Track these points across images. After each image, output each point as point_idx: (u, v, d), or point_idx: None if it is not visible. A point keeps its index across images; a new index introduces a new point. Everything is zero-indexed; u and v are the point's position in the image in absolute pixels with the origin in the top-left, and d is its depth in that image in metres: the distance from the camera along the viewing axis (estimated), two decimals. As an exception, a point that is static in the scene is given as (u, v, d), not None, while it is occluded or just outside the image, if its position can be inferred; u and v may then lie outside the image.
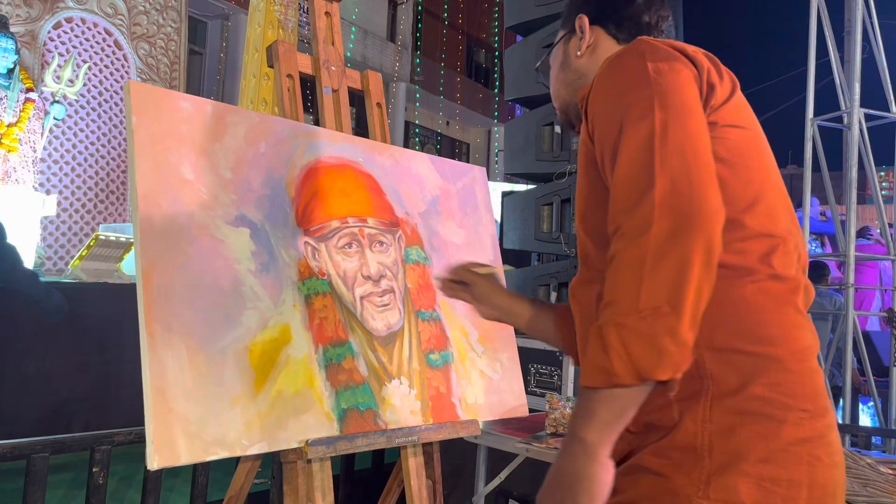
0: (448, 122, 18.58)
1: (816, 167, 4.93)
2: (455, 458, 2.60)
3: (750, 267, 0.98)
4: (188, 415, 1.36)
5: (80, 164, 6.43)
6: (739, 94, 1.06)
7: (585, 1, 1.23)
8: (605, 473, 0.90)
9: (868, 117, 4.91)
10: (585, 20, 1.20)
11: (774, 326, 0.98)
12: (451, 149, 19.16)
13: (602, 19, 1.20)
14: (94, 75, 6.55)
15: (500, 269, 2.16)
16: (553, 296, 3.04)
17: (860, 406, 5.07)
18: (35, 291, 3.32)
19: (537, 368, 2.95)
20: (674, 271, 0.87)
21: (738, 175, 1.00)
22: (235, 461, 1.83)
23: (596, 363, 0.89)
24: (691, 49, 1.05)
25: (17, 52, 5.19)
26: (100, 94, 6.60)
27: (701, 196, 0.89)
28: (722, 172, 0.96)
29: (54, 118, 5.44)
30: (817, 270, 5.15)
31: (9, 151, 5.09)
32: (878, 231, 5.48)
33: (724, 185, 0.94)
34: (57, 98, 5.49)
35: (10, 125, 5.13)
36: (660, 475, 0.95)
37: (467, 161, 19.21)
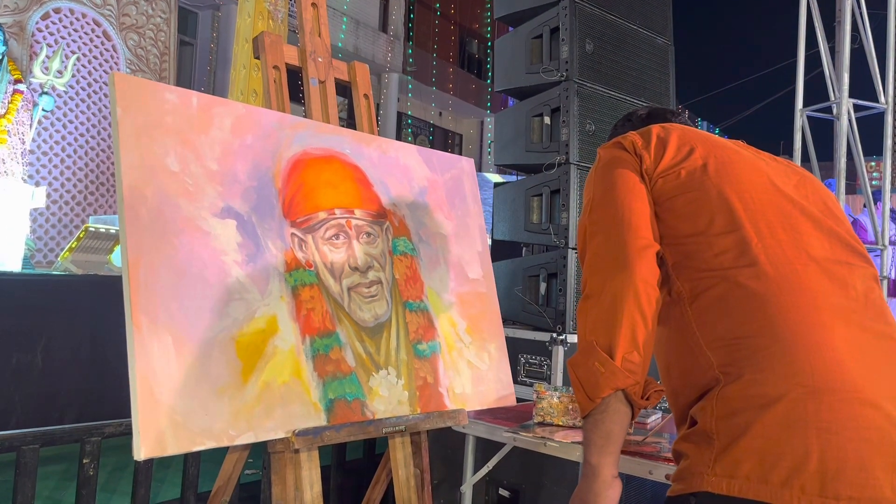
0: (441, 113, 18.53)
1: (806, 157, 4.95)
2: (443, 448, 2.61)
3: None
4: (175, 405, 1.36)
5: (69, 156, 6.40)
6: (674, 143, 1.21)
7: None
8: (608, 489, 1.08)
9: (857, 107, 4.93)
10: None
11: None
12: (444, 139, 19.13)
13: None
14: (83, 66, 6.51)
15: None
16: (543, 286, 3.05)
17: None
18: None
19: (527, 358, 2.97)
20: (604, 313, 1.08)
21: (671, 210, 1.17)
22: (226, 452, 1.84)
23: (576, 399, 1.13)
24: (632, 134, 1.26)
25: (5, 43, 5.15)
26: (89, 85, 6.56)
27: (622, 244, 1.11)
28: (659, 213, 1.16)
29: (43, 109, 5.40)
30: None
31: (-3, 143, 5.06)
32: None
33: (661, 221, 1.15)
34: (45, 89, 5.45)
35: (-2, 117, 5.09)
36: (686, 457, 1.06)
37: (460, 152, 19.22)
